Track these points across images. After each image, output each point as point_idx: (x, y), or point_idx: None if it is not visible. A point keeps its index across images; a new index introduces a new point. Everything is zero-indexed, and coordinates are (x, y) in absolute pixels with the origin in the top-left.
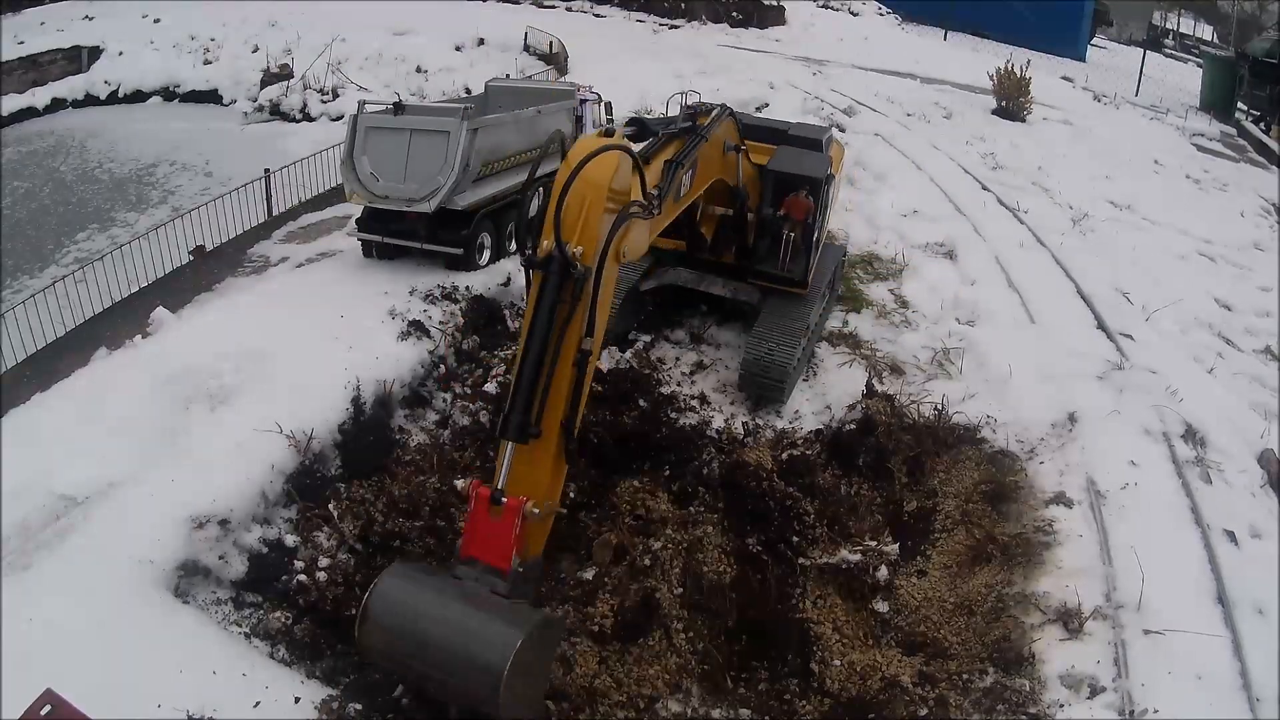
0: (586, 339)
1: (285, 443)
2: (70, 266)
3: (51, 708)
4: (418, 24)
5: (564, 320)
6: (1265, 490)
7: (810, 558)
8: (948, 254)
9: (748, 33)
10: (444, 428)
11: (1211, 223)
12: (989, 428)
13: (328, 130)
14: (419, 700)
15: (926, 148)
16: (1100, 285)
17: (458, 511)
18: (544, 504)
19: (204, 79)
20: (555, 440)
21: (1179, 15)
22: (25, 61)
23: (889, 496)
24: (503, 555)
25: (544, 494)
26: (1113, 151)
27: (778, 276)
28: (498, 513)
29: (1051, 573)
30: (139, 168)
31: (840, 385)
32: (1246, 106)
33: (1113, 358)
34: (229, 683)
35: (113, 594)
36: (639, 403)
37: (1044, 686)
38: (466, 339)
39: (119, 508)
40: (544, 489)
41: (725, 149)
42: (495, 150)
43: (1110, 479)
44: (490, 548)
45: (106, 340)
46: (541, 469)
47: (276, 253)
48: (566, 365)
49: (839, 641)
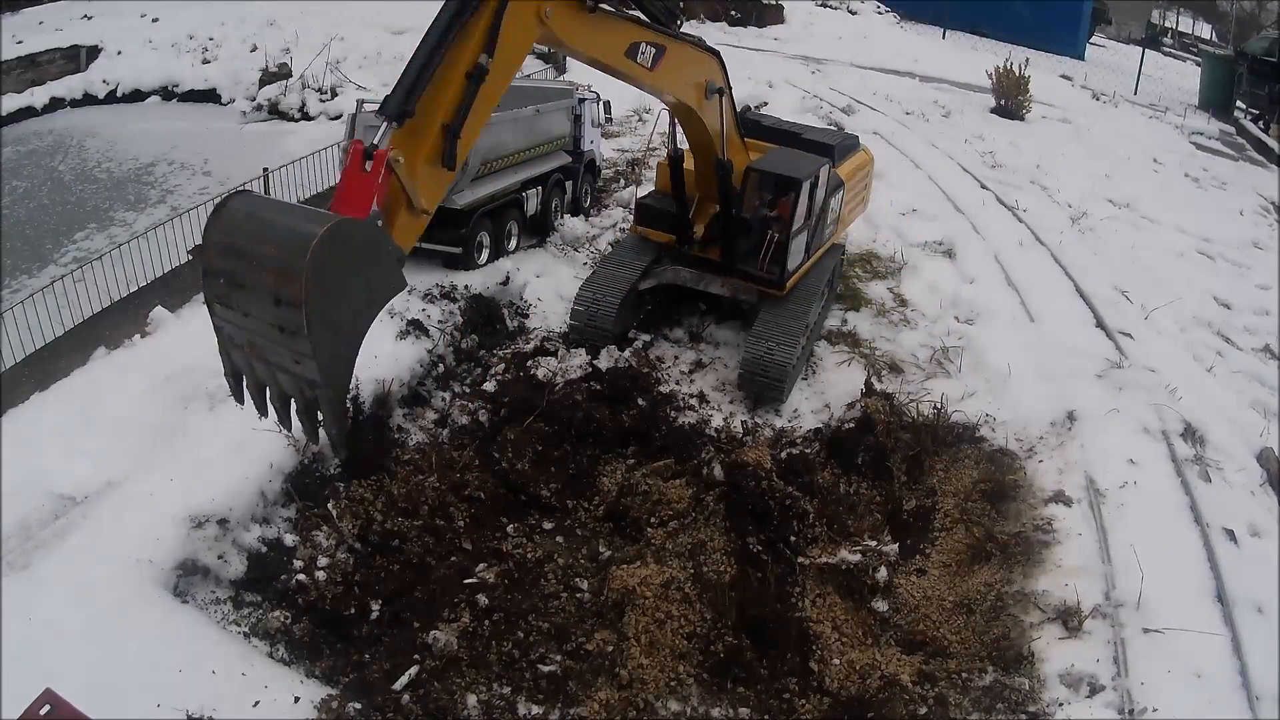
0: (485, 57)
1: (284, 442)
2: (69, 266)
3: (51, 707)
4: (416, 23)
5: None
6: (1264, 489)
7: (809, 557)
8: (947, 252)
9: (746, 31)
10: (443, 426)
11: (1210, 221)
12: (988, 426)
13: (326, 129)
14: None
15: (925, 146)
16: (1099, 284)
17: (457, 511)
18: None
19: (202, 78)
20: (434, 136)
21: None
22: (24, 61)
23: (888, 495)
24: (363, 205)
25: (414, 176)
26: (1111, 150)
27: (756, 276)
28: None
29: (1051, 571)
30: (137, 167)
31: (839, 384)
32: (1245, 105)
33: (1112, 356)
34: (228, 682)
35: (112, 594)
36: (638, 401)
37: (1043, 685)
38: (465, 338)
39: (118, 507)
40: (415, 172)
41: (708, 90)
42: (494, 149)
43: (1109, 477)
44: (355, 200)
45: (105, 340)
46: (416, 153)
47: None
48: (456, 71)
49: (838, 640)
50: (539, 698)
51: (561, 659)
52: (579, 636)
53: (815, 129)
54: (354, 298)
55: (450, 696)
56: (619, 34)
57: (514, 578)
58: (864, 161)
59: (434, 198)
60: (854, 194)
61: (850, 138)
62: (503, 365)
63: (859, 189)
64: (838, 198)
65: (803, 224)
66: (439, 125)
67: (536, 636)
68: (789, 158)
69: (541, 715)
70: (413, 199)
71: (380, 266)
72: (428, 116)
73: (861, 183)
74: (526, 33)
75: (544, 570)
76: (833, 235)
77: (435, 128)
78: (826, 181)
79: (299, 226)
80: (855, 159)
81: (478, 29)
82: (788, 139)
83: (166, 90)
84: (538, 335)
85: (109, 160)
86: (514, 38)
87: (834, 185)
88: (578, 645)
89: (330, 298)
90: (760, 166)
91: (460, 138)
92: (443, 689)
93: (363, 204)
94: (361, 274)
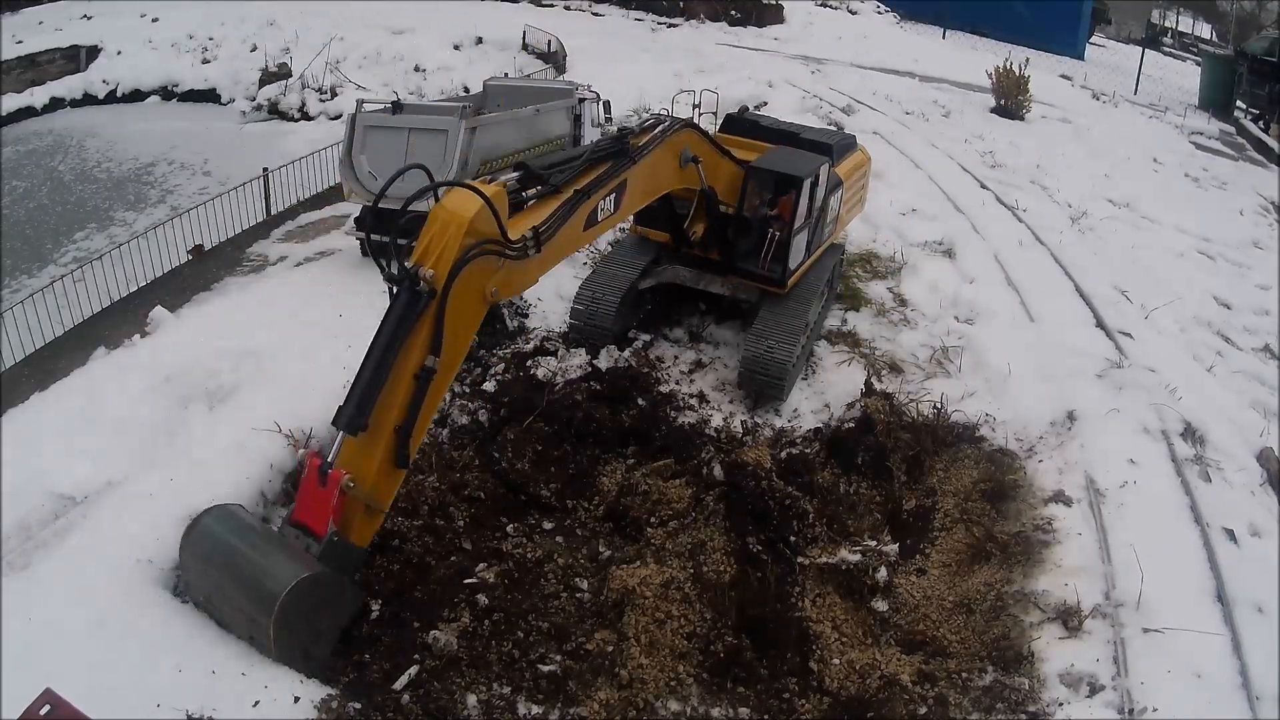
0: (432, 357)
1: (284, 441)
2: (69, 266)
3: (51, 707)
4: (416, 23)
5: (406, 333)
6: (1265, 488)
7: (809, 556)
8: (946, 252)
9: (746, 31)
10: (442, 426)
11: (1210, 221)
12: (988, 426)
13: (326, 129)
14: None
15: (925, 146)
16: (1099, 283)
17: (457, 511)
18: (366, 492)
19: (202, 78)
20: (386, 441)
21: (1178, 13)
22: (23, 61)
23: (888, 495)
24: (321, 521)
25: (368, 486)
26: (1111, 150)
27: (757, 274)
28: (324, 483)
29: (1051, 571)
30: (137, 167)
31: (839, 384)
32: (1245, 105)
33: (1112, 356)
34: (228, 682)
35: (112, 594)
36: (638, 401)
37: (1043, 685)
38: None
39: (118, 507)
40: (370, 482)
41: (682, 161)
42: (494, 149)
43: (1109, 477)
44: (314, 514)
45: (105, 340)
46: (369, 463)
47: (275, 252)
48: (405, 374)
49: (838, 640)
50: (539, 697)
51: (561, 659)
52: (579, 636)
53: (813, 129)
54: (319, 627)
55: (450, 696)
56: (570, 232)
57: (514, 578)
58: (861, 161)
59: (389, 496)
60: (852, 193)
61: (848, 138)
62: (502, 365)
63: (857, 189)
64: (837, 196)
65: (803, 222)
66: (391, 430)
67: (536, 636)
68: (789, 156)
69: (541, 715)
70: (369, 504)
71: (342, 601)
72: (381, 424)
73: (859, 182)
74: (473, 317)
75: (544, 570)
76: (832, 234)
77: (388, 433)
78: (826, 180)
79: (264, 582)
80: (853, 159)
81: (423, 331)
82: (786, 139)
83: (166, 90)
84: (538, 335)
85: (109, 160)
86: (460, 330)
87: (833, 184)
88: (578, 645)
89: (296, 638)
90: (761, 165)
91: (411, 437)
92: (443, 689)
93: (320, 519)
94: (323, 610)
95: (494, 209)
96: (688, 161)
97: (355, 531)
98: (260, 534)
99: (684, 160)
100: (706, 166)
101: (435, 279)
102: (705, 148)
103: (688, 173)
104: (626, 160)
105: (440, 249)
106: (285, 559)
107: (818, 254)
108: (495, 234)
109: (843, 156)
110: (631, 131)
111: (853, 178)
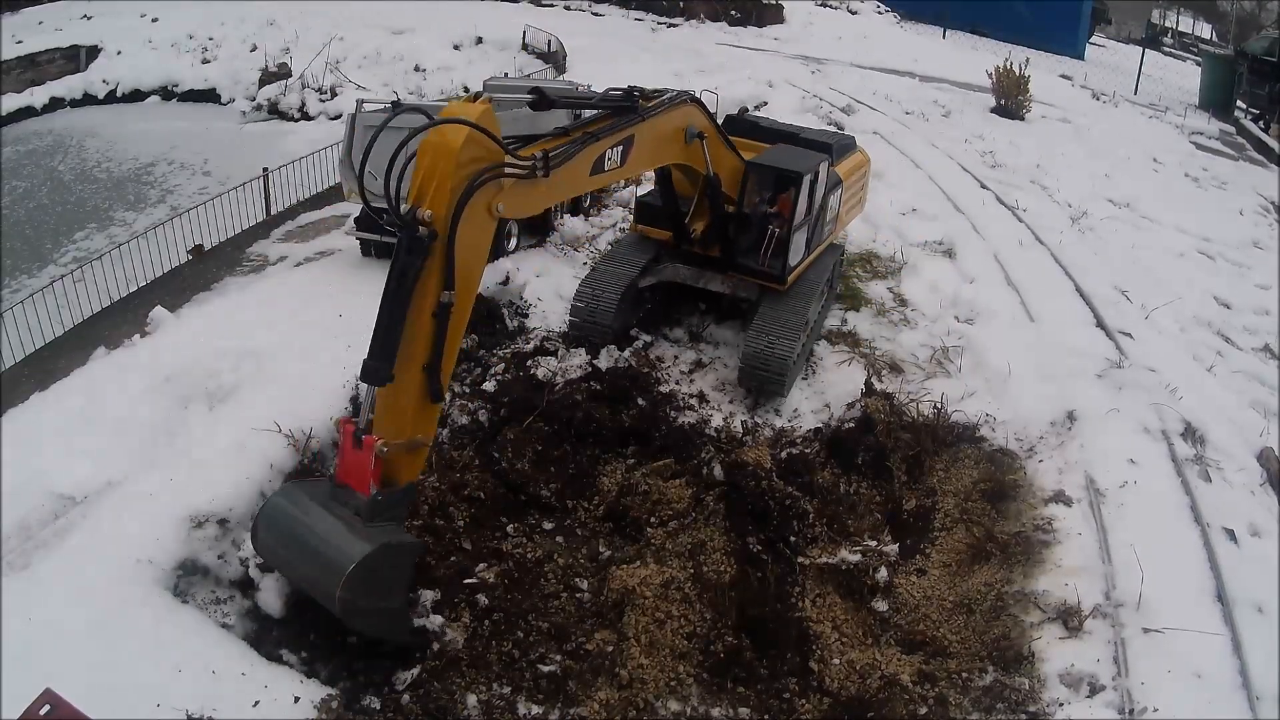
0: (447, 292)
1: (284, 441)
2: (69, 266)
3: (51, 707)
4: (416, 23)
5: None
6: (1265, 488)
7: (809, 556)
8: (946, 252)
9: (746, 31)
10: (442, 426)
11: (1210, 221)
12: (988, 426)
13: (326, 129)
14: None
15: (925, 146)
16: (1099, 283)
17: (456, 511)
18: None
19: (202, 78)
20: (416, 384)
21: (1178, 13)
22: (23, 61)
23: (888, 495)
24: (363, 484)
25: (406, 432)
26: (1111, 150)
27: (757, 271)
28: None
29: (1051, 571)
30: (137, 167)
31: (839, 384)
32: (1245, 105)
33: (1112, 356)
34: (228, 682)
35: (112, 594)
36: (638, 401)
37: (1043, 685)
38: (465, 337)
39: (118, 507)
40: (406, 427)
41: (688, 137)
42: None
43: (1109, 477)
44: (355, 476)
45: (105, 340)
46: (402, 410)
47: (275, 252)
48: (423, 317)
49: (838, 640)
50: (539, 698)
51: (561, 659)
52: (579, 636)
53: (812, 130)
54: (387, 588)
55: (450, 696)
56: (578, 168)
57: (514, 578)
58: (861, 162)
59: (430, 429)
60: (852, 193)
61: (847, 138)
62: (502, 365)
63: (856, 189)
64: (836, 195)
65: (803, 219)
66: (419, 369)
67: (536, 636)
68: (789, 153)
69: (541, 715)
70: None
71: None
72: (407, 369)
73: (859, 183)
74: (483, 239)
75: (544, 570)
76: (831, 234)
77: (416, 374)
78: (826, 178)
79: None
80: (853, 159)
81: (433, 272)
82: (785, 139)
83: (166, 90)
84: (537, 335)
85: (109, 160)
86: (472, 257)
87: (833, 183)
88: (578, 645)
89: (365, 603)
90: (761, 161)
91: (442, 370)
92: (443, 689)
93: (361, 481)
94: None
95: (482, 129)
96: (693, 138)
97: (403, 473)
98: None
99: (689, 137)
100: (711, 151)
101: (435, 219)
102: (707, 123)
103: (693, 150)
104: (635, 116)
105: (434, 187)
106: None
107: (817, 252)
108: (489, 156)
109: (842, 156)
110: (642, 92)
111: (852, 178)
